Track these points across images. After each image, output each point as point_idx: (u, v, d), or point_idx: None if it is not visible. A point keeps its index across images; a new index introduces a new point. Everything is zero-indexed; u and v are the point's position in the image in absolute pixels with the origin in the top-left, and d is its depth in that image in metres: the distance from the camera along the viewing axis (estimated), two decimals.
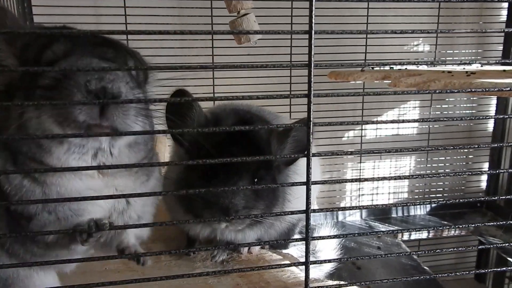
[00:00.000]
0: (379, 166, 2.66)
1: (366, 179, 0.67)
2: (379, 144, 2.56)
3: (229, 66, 0.64)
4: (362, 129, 2.48)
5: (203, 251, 1.16)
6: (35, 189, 0.73)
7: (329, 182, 0.63)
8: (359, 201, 2.66)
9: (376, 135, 2.58)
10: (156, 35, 0.61)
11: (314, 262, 0.67)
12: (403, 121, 0.66)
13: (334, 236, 0.65)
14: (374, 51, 2.30)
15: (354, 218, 2.62)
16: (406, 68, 2.19)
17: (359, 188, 2.64)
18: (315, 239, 0.63)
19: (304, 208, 0.65)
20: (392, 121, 0.67)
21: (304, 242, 0.73)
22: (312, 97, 0.60)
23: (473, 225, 1.91)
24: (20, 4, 1.83)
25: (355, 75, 2.13)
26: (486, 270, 2.22)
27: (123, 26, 1.96)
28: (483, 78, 1.82)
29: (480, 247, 2.61)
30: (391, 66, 2.27)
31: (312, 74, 0.58)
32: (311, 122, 0.61)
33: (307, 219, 0.64)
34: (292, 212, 0.66)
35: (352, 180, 0.67)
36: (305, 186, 0.71)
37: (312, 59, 0.58)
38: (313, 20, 0.57)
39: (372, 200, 2.70)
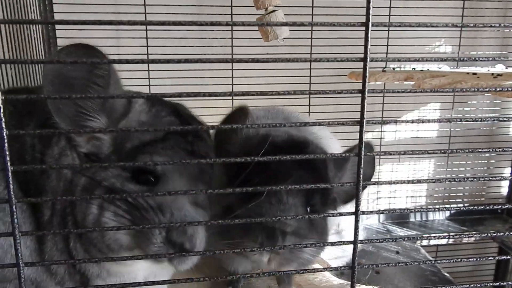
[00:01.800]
0: (397, 169, 2.62)
1: (419, 181, 0.64)
2: (398, 147, 2.52)
3: (271, 60, 0.59)
4: (381, 131, 2.45)
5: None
6: None
7: (381, 183, 0.60)
8: (376, 204, 2.62)
9: (395, 138, 2.54)
10: (176, 28, 0.59)
11: (362, 266, 0.64)
12: (460, 120, 0.62)
13: (384, 240, 0.62)
14: (395, 51, 2.27)
15: (372, 221, 2.57)
16: (428, 70, 2.15)
17: (377, 191, 2.60)
18: (362, 242, 0.60)
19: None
20: (449, 120, 0.63)
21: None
22: (366, 93, 0.57)
23: (494, 233, 1.88)
24: (41, 2, 1.82)
25: (376, 76, 2.10)
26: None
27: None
28: (511, 80, 1.77)
29: (499, 257, 2.56)
30: (414, 67, 2.23)
31: (367, 68, 0.55)
32: (364, 120, 0.58)
33: (356, 221, 0.61)
34: (341, 214, 0.63)
35: (410, 181, 0.64)
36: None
37: (369, 52, 0.55)
38: (371, 12, 0.54)
39: (390, 203, 2.66)
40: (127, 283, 0.61)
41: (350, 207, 0.76)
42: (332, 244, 0.65)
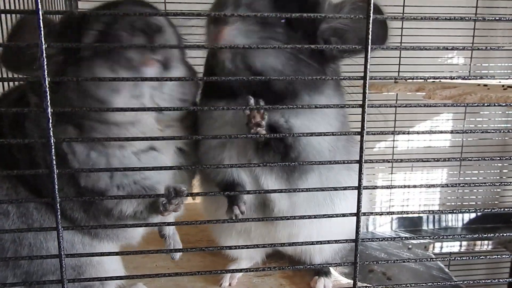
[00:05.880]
0: (410, 178, 2.66)
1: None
2: (410, 156, 2.56)
3: None
4: (394, 140, 2.50)
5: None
6: (101, 161, 0.74)
7: (380, 187, 0.66)
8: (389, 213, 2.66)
9: (408, 147, 2.59)
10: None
11: (363, 263, 0.71)
12: (444, 132, 0.69)
13: (383, 239, 0.68)
14: (407, 63, 2.32)
15: (384, 229, 2.62)
16: (440, 81, 2.20)
17: (390, 199, 2.64)
18: (364, 241, 0.67)
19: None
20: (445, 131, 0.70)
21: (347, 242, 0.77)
22: (366, 107, 0.64)
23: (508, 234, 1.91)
24: None
25: (388, 87, 2.16)
26: None
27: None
28: None
29: None
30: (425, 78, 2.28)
31: (367, 86, 0.63)
32: (364, 131, 0.65)
33: (358, 221, 0.68)
34: (344, 215, 0.70)
35: (401, 186, 0.71)
36: None
37: (368, 71, 0.62)
38: (370, 37, 0.62)
39: (403, 212, 2.70)
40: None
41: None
42: (337, 241, 0.71)
